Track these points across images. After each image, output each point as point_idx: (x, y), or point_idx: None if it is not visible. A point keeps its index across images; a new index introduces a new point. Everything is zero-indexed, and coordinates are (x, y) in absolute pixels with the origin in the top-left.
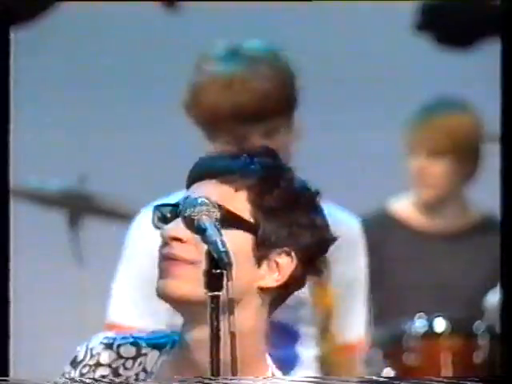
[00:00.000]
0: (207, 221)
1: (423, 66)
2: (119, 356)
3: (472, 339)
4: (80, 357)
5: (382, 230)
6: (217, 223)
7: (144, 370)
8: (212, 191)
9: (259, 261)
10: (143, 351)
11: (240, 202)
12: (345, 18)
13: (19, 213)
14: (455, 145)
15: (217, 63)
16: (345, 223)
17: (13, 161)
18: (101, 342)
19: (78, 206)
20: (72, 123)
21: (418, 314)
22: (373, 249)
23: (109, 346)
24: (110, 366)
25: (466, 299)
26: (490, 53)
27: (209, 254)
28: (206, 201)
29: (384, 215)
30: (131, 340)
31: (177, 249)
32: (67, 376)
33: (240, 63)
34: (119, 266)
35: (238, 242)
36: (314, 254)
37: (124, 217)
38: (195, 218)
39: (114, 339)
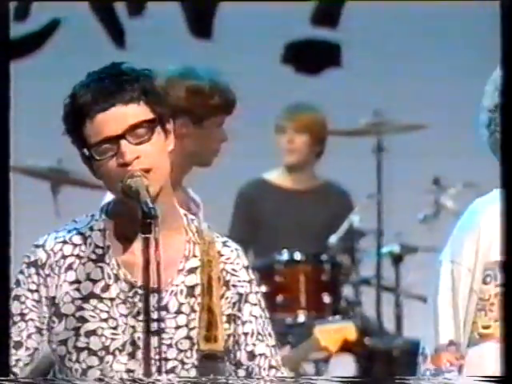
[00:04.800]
0: (140, 186)
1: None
2: (74, 244)
3: (320, 265)
4: (43, 259)
5: (258, 192)
6: (148, 187)
7: (96, 245)
8: (124, 114)
9: (166, 136)
10: (87, 234)
11: (145, 110)
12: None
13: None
14: (312, 129)
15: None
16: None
17: (13, 146)
18: (56, 242)
19: (58, 179)
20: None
21: (283, 250)
22: (252, 205)
23: (64, 241)
24: (72, 254)
25: (316, 239)
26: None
27: (141, 209)
28: (139, 173)
29: (260, 181)
30: (74, 231)
31: (137, 164)
32: (35, 275)
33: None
34: None
35: (156, 136)
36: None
37: (92, 186)
38: (133, 185)
39: (63, 236)
